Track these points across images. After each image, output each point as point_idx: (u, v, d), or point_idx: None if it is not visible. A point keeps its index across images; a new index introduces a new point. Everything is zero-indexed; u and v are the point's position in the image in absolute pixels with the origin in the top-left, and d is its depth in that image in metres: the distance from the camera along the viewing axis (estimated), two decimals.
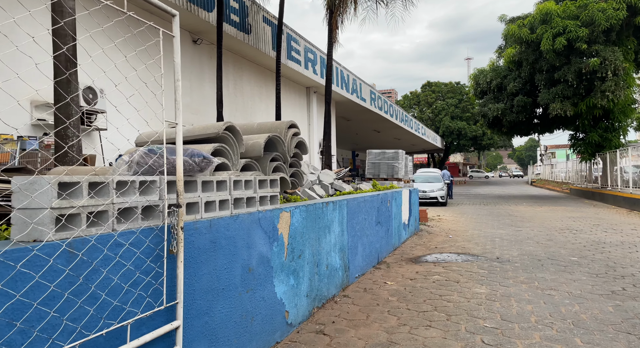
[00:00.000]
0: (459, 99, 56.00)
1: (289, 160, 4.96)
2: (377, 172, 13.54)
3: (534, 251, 7.50)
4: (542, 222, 11.96)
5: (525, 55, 20.27)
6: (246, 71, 14.40)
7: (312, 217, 4.26)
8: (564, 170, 42.41)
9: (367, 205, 6.18)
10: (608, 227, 10.60)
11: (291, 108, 17.75)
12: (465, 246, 8.12)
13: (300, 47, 16.14)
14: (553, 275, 5.76)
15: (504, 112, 22.18)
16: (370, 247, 6.29)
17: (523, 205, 18.25)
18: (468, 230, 10.37)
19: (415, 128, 38.47)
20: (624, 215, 13.61)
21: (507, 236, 9.30)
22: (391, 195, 7.75)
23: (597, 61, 17.68)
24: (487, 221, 12.23)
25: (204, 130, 4.00)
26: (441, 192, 18.21)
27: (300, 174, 5.18)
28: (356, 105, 23.26)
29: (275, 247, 3.49)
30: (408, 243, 8.57)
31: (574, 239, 8.78)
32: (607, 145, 20.71)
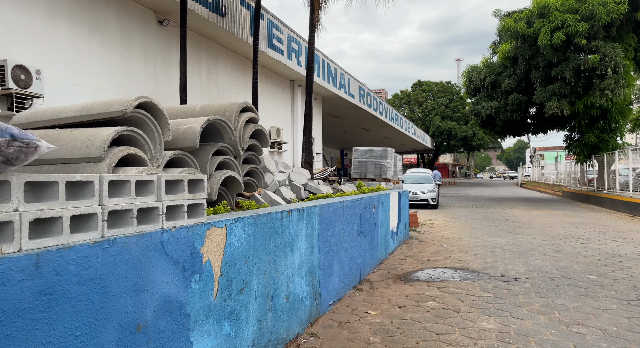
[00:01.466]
0: (450, 99, 55.33)
1: (242, 154, 3.76)
2: (364, 172, 12.41)
3: (543, 266, 6.42)
4: (542, 228, 10.94)
5: (521, 50, 19.32)
6: (222, 59, 13.14)
7: (264, 233, 3.07)
8: (555, 172, 41.86)
9: (346, 211, 5.02)
10: (616, 236, 9.61)
11: (273, 102, 16.53)
12: (462, 258, 7.01)
13: (282, 35, 14.92)
14: (574, 301, 4.66)
15: (498, 110, 21.22)
16: (350, 263, 5.12)
17: (517, 208, 17.29)
18: (463, 237, 9.28)
19: (405, 127, 37.51)
20: (627, 221, 12.68)
21: (508, 246, 8.22)
22: (377, 198, 6.59)
23: (597, 57, 16.78)
24: (482, 227, 11.17)
25: (105, 106, 2.78)
26: (432, 194, 17.16)
27: (260, 173, 3.99)
28: (344, 102, 22.11)
29: (195, 282, 2.30)
30: (397, 254, 7.42)
31: (583, 250, 7.73)
32: (604, 147, 19.87)
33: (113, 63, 9.24)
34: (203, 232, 2.37)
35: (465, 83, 23.56)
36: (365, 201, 5.90)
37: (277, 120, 16.63)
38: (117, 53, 9.35)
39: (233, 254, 2.67)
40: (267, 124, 15.98)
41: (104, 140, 2.53)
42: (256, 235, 2.96)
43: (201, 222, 2.38)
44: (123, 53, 9.49)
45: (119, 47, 9.39)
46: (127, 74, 9.61)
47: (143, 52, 10.15)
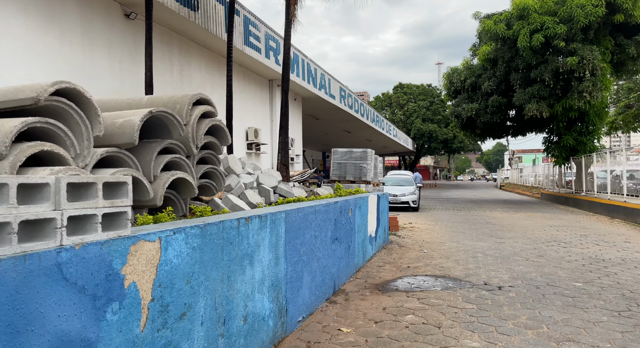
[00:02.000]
0: (431, 102, 55.64)
1: (197, 154, 3.29)
2: (343, 174, 12.03)
3: (527, 272, 6.11)
4: (523, 231, 10.74)
5: (500, 52, 19.30)
6: (195, 56, 12.58)
7: (215, 244, 2.61)
8: (533, 175, 42.42)
9: (319, 217, 4.59)
10: (598, 239, 9.45)
11: (251, 102, 16.02)
12: (444, 265, 6.66)
13: (260, 33, 14.44)
14: (562, 312, 4.33)
15: (478, 112, 21.18)
16: (323, 273, 4.69)
17: (498, 210, 17.19)
18: (444, 242, 8.96)
19: (386, 129, 37.42)
20: (607, 224, 12.63)
21: (490, 250, 7.93)
22: (354, 202, 6.19)
23: (575, 60, 16.84)
24: (463, 230, 10.90)
25: (13, 93, 2.29)
26: (413, 196, 16.90)
27: (219, 175, 3.53)
28: (325, 103, 21.73)
29: (112, 313, 1.83)
30: (375, 260, 7.03)
31: (567, 255, 7.49)
32: (582, 149, 20.01)
33: (74, 58, 8.62)
34: (125, 248, 1.90)
35: (445, 85, 23.48)
36: (341, 205, 5.49)
37: (255, 120, 16.13)
38: (78, 47, 8.73)
39: (170, 273, 2.21)
40: (245, 125, 15.47)
41: (5, 134, 2.04)
42: (204, 248, 2.50)
43: (123, 235, 1.91)
44: (84, 47, 8.87)
45: (80, 41, 8.77)
46: (90, 70, 8.99)
47: (107, 46, 9.54)
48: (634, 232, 10.74)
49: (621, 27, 18.00)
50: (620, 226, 12.05)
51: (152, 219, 2.65)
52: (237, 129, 14.75)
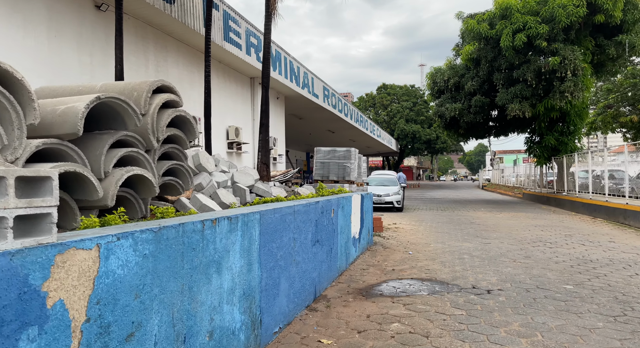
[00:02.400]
0: (414, 102, 55.88)
1: (159, 148, 2.93)
2: (326, 173, 11.71)
3: (515, 274, 5.89)
4: (508, 231, 10.60)
5: (484, 52, 19.29)
6: (173, 52, 12.11)
7: (173, 251, 2.26)
8: (514, 175, 42.90)
9: (298, 218, 4.25)
10: (583, 239, 9.35)
11: (232, 100, 15.59)
12: (430, 267, 6.40)
13: (241, 29, 14.03)
14: (556, 318, 4.09)
15: (462, 112, 21.15)
16: (303, 278, 4.36)
17: (481, 210, 17.13)
18: (430, 243, 8.72)
19: (370, 129, 37.32)
20: (590, 224, 12.62)
21: (477, 251, 7.72)
22: (337, 202, 5.87)
23: (557, 60, 16.91)
24: (448, 230, 10.70)
25: None
26: (397, 197, 16.70)
27: (186, 172, 3.16)
28: (308, 102, 21.41)
29: (29, 340, 1.46)
30: (359, 263, 6.73)
31: (554, 256, 7.32)
32: (563, 149, 20.15)
33: (39, 50, 8.10)
34: (48, 259, 1.53)
35: (429, 85, 23.43)
36: (322, 205, 5.16)
37: (235, 119, 15.69)
38: (44, 38, 8.20)
39: (113, 287, 1.84)
40: (225, 123, 15.03)
41: None
42: (158, 256, 2.14)
43: (45, 242, 1.55)
44: (51, 38, 8.34)
45: (46, 32, 8.25)
46: (57, 62, 8.47)
47: (77, 39, 9.03)
48: (617, 231, 10.72)
49: (601, 28, 18.18)
50: (603, 225, 12.05)
51: (99, 222, 2.27)
52: (216, 127, 14.30)
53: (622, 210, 12.76)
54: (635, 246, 8.29)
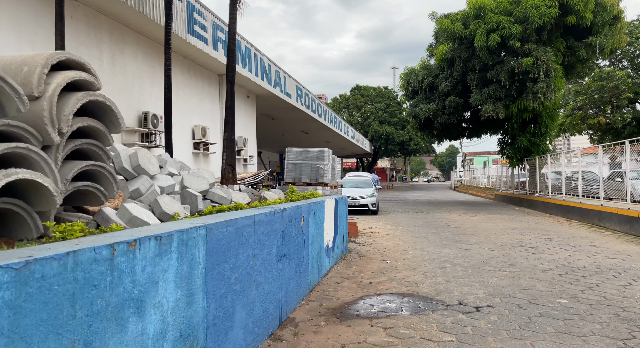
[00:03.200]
0: (387, 104, 55.95)
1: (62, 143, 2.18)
2: (299, 175, 11.03)
3: (503, 286, 5.38)
4: (487, 235, 10.21)
5: (458, 52, 19.09)
6: (131, 44, 11.15)
7: (53, 295, 1.53)
8: (485, 176, 43.45)
9: (261, 230, 3.56)
10: (564, 243, 9.03)
11: (198, 97, 14.69)
12: (410, 278, 5.82)
13: (206, 22, 13.19)
14: (558, 343, 3.55)
15: (436, 113, 20.92)
16: (266, 302, 3.66)
17: (457, 212, 16.85)
18: (408, 249, 8.18)
19: (344, 130, 36.90)
20: (566, 226, 12.45)
21: (458, 259, 7.21)
22: (307, 208, 5.20)
23: (530, 60, 16.85)
24: (426, 235, 10.22)
25: None
26: (372, 199, 16.18)
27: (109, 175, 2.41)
28: (281, 101, 20.68)
29: None
30: (332, 275, 6.08)
31: (539, 263, 6.89)
32: (535, 151, 20.21)
33: None
34: None
35: (403, 85, 23.14)
36: (291, 213, 4.48)
37: (202, 118, 14.80)
38: None
39: None
40: (191, 122, 14.13)
41: None
42: (23, 306, 1.41)
43: None
44: None
45: None
46: None
47: (16, 28, 8.04)
48: (595, 234, 10.51)
49: (572, 30, 18.29)
50: (580, 228, 11.87)
51: None
52: (181, 126, 13.39)
53: (596, 212, 12.65)
54: (617, 251, 8.00)
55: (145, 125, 11.45)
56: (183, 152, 13.66)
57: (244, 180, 12.01)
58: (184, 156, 13.78)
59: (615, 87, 24.15)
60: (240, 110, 17.99)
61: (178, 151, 13.17)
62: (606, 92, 24.64)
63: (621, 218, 11.05)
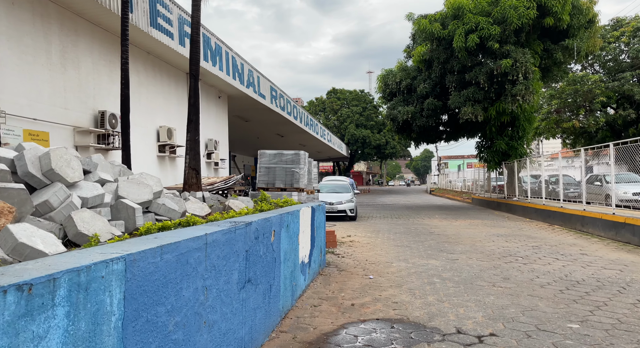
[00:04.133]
0: (364, 107, 55.76)
1: None
2: (272, 180, 10.20)
3: (503, 307, 4.73)
4: (472, 243, 9.65)
5: (436, 53, 18.71)
6: (85, 36, 10.10)
7: None
8: (461, 180, 43.64)
9: (215, 253, 2.75)
10: (553, 251, 8.54)
11: (164, 97, 13.68)
12: (397, 298, 5.10)
13: (172, 15, 12.23)
14: None
15: (414, 115, 20.48)
16: (222, 345, 2.85)
17: (436, 218, 16.36)
18: (391, 261, 7.48)
19: (321, 134, 36.24)
20: (550, 232, 12.07)
21: (446, 272, 6.56)
22: (279, 220, 4.42)
23: (509, 62, 16.59)
24: (408, 243, 9.57)
25: None
26: (351, 204, 15.50)
27: None
28: (254, 103, 19.80)
29: None
30: (309, 296, 5.29)
31: (533, 276, 6.32)
32: (513, 154, 20.02)
33: None
34: None
35: (380, 87, 22.63)
36: (258, 227, 3.69)
37: (168, 119, 13.78)
38: None
39: None
40: (155, 123, 13.10)
41: None
42: None
43: None
44: None
45: None
46: None
47: None
48: (582, 241, 10.11)
49: (549, 32, 18.20)
50: (565, 234, 11.49)
51: None
52: (144, 127, 12.36)
53: (579, 217, 12.34)
54: (611, 260, 7.54)
55: (102, 126, 10.40)
56: (147, 155, 12.63)
57: (214, 186, 11.10)
58: (147, 159, 12.75)
59: (589, 91, 24.40)
60: (211, 111, 17.06)
61: (141, 154, 12.13)
62: (580, 96, 24.87)
63: (606, 223, 10.72)
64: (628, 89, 23.65)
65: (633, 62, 25.00)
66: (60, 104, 9.35)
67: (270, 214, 4.32)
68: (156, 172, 13.14)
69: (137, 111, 11.99)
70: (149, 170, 12.64)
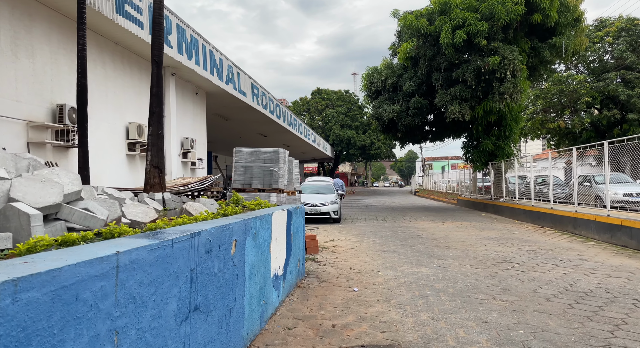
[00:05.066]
0: (348, 108, 55.20)
1: None
2: (249, 180, 9.39)
3: (509, 327, 4.04)
4: (463, 247, 9.02)
5: (422, 50, 18.14)
6: (41, 22, 9.15)
7: None
8: (445, 181, 43.39)
9: (135, 279, 1.97)
10: (550, 257, 7.95)
11: (133, 91, 12.73)
12: (386, 316, 4.37)
13: (141, 3, 11.31)
14: None
15: (400, 114, 19.88)
16: None
17: (423, 220, 15.76)
18: (378, 269, 6.76)
19: (305, 134, 35.44)
20: (542, 234, 11.54)
21: (439, 282, 5.87)
22: (243, 227, 3.64)
23: (497, 59, 16.11)
24: (396, 248, 8.88)
25: None
26: (334, 206, 14.76)
27: None
28: (235, 100, 18.89)
29: None
30: (283, 315, 4.52)
31: (535, 285, 5.67)
32: (500, 154, 19.59)
33: None
34: None
35: (365, 85, 21.97)
36: (210, 238, 2.91)
37: (139, 115, 12.83)
38: None
39: None
40: (124, 119, 12.15)
41: None
42: None
43: None
44: None
45: None
46: None
47: None
48: (578, 244, 9.58)
49: (536, 30, 17.83)
50: (558, 237, 10.96)
51: None
52: (111, 123, 11.41)
53: (571, 219, 11.85)
54: (614, 266, 6.97)
55: (62, 121, 9.43)
56: (114, 153, 11.68)
57: (188, 186, 10.25)
58: (115, 158, 11.79)
59: (574, 91, 24.22)
60: (188, 108, 16.16)
61: (108, 152, 11.18)
62: (565, 96, 24.68)
63: (600, 226, 10.22)
64: (613, 89, 23.54)
65: (617, 62, 24.94)
66: (11, 95, 8.38)
67: (231, 220, 3.53)
68: (125, 171, 12.19)
69: (103, 106, 11.05)
70: (117, 170, 11.68)
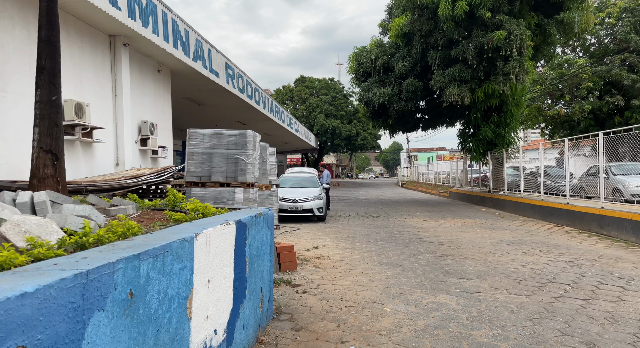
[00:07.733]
0: (333, 96, 53.00)
1: None
2: (207, 172, 7.18)
3: None
4: (482, 257, 7.06)
5: (418, 24, 16.06)
6: None
7: None
8: (434, 172, 41.75)
9: None
10: (602, 272, 6.05)
11: (74, 62, 10.29)
12: None
13: None
14: None
15: (391, 98, 17.84)
16: None
17: (419, 216, 13.85)
18: (382, 300, 4.71)
19: (288, 122, 33.10)
20: (565, 235, 9.68)
21: (477, 325, 3.86)
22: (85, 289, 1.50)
23: (503, 34, 14.18)
24: (398, 259, 6.87)
25: None
26: (319, 202, 12.66)
27: None
28: (207, 81, 16.46)
29: None
30: None
31: (626, 333, 3.71)
32: (500, 143, 17.79)
33: None
34: None
35: (353, 67, 19.83)
36: None
37: (81, 92, 10.43)
38: None
39: None
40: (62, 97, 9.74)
41: None
42: None
43: None
44: None
45: None
46: None
47: None
48: (621, 250, 7.72)
49: (541, 5, 15.96)
50: (588, 239, 9.11)
51: None
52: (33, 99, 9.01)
53: (596, 217, 10.05)
54: None
55: None
56: None
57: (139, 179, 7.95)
58: None
59: (575, 75, 22.56)
60: (147, 87, 13.74)
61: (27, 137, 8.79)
62: (565, 81, 23.02)
63: (639, 226, 8.43)
64: (616, 74, 21.95)
65: (620, 45, 23.35)
66: None
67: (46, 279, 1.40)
68: None
69: (23, 78, 8.66)
70: None
